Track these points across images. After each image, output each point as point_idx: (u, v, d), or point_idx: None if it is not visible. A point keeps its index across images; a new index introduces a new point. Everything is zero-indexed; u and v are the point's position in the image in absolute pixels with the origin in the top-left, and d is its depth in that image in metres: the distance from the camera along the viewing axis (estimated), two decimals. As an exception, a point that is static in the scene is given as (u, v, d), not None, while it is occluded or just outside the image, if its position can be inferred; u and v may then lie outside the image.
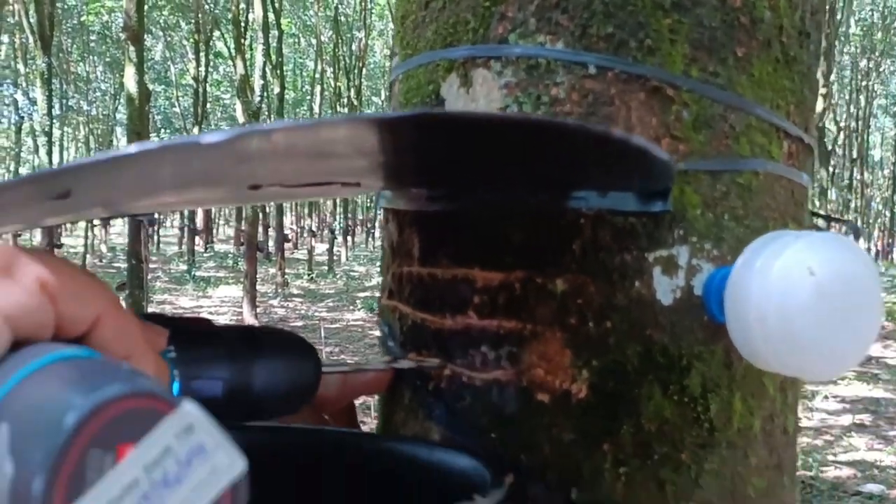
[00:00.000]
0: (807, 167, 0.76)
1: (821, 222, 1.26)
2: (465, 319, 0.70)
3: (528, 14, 0.69)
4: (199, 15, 23.72)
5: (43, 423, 0.31)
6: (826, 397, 9.22)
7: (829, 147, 25.26)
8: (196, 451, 0.33)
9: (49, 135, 16.27)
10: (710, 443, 0.68)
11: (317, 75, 28.91)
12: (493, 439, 0.69)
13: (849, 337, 0.60)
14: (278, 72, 18.21)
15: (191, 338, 0.58)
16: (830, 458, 7.07)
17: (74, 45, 32.41)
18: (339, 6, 25.72)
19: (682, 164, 0.68)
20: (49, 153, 16.16)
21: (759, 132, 0.70)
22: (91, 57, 33.85)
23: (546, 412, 0.67)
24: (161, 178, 0.47)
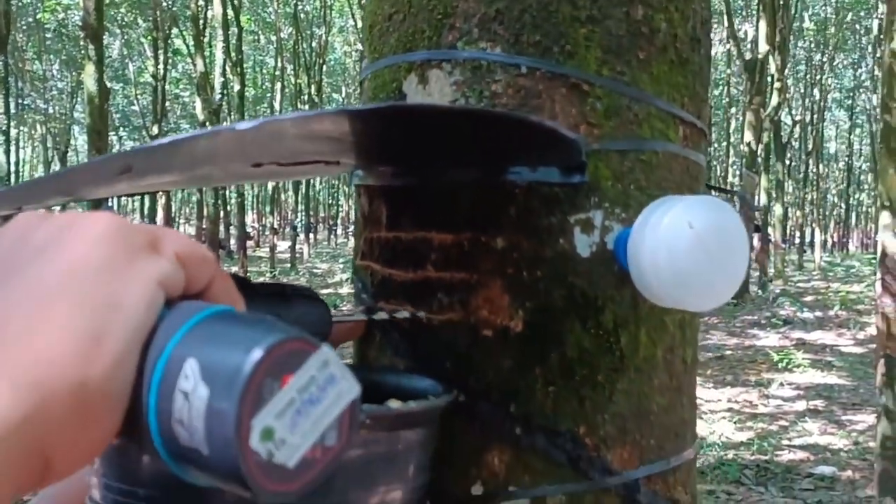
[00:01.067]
0: (701, 148, 0.94)
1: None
2: (424, 273, 0.87)
3: (472, 25, 0.86)
4: (157, 12, 23.64)
5: (230, 360, 0.41)
6: (782, 384, 9.52)
7: (785, 140, 25.68)
8: (329, 379, 0.44)
9: (6, 133, 16.16)
10: (620, 367, 0.85)
11: (277, 72, 28.91)
12: (447, 368, 0.85)
13: (723, 276, 0.78)
14: (238, 69, 18.23)
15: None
16: (785, 442, 7.35)
17: (30, 43, 32.09)
18: (299, 3, 25.74)
19: (595, 145, 0.85)
20: (7, 152, 16.04)
21: (658, 119, 0.88)
22: (47, 55, 33.53)
23: (490, 344, 0.84)
24: (197, 155, 0.63)
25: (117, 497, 0.63)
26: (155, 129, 23.92)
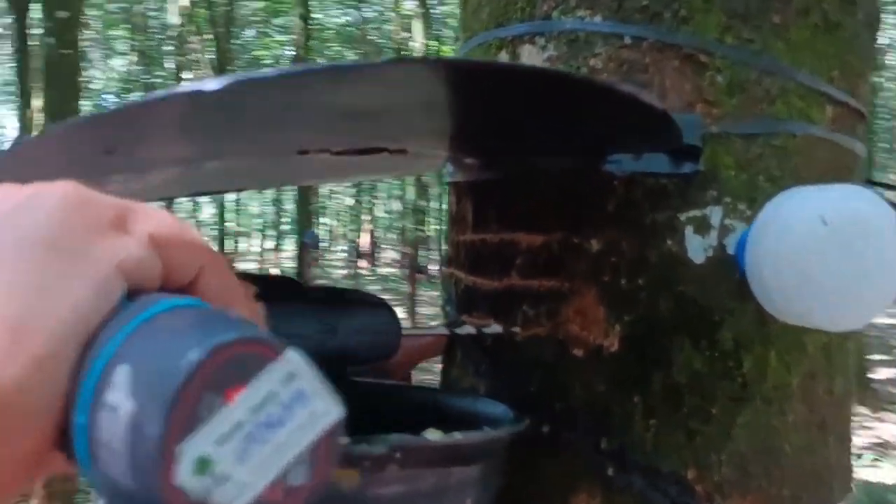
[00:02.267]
0: (856, 132, 0.77)
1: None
2: (509, 280, 0.75)
3: (569, -10, 0.73)
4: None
5: (161, 366, 0.33)
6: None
7: None
8: (297, 397, 0.34)
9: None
10: (742, 397, 0.70)
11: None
12: (530, 392, 0.73)
13: (867, 285, 0.61)
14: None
15: (276, 296, 0.60)
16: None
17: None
18: None
19: (714, 127, 0.70)
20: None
21: (796, 96, 0.72)
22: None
23: (580, 365, 0.71)
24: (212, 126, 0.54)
25: None
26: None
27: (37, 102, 5.02)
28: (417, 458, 0.56)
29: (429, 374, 1.31)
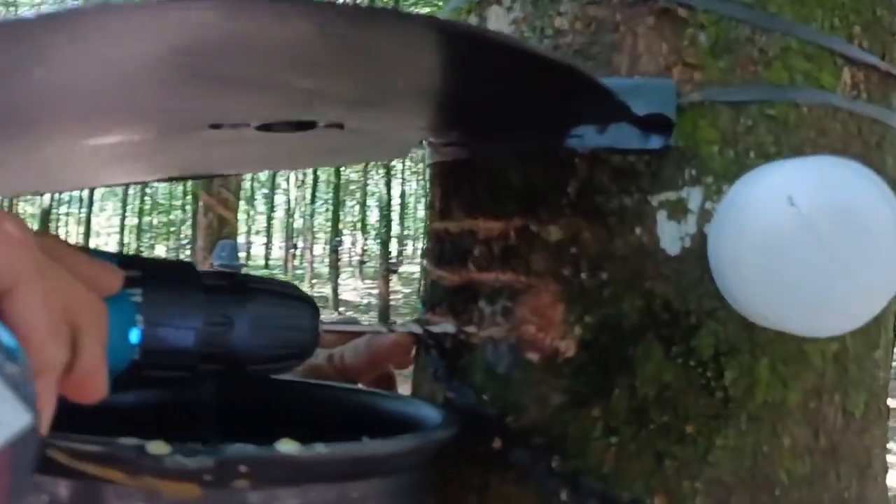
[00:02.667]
0: (889, 101, 0.64)
1: None
2: (467, 274, 0.66)
3: (535, -59, 0.64)
4: None
5: None
6: None
7: None
8: None
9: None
10: (723, 414, 0.59)
11: None
12: (484, 402, 0.63)
13: (848, 283, 0.50)
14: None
15: (164, 281, 0.54)
16: None
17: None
18: None
19: (696, 95, 0.59)
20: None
21: (801, 57, 0.60)
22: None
23: (534, 372, 0.61)
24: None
25: None
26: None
27: None
28: (272, 473, 0.48)
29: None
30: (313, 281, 21.90)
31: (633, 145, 0.59)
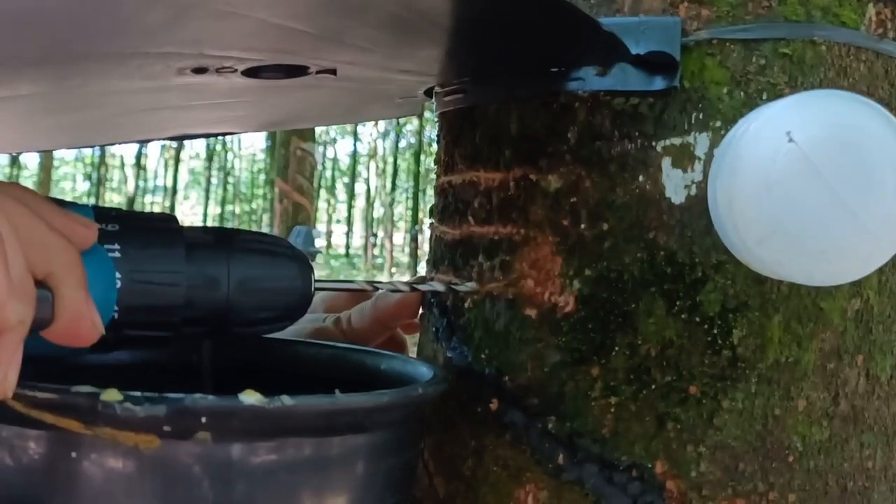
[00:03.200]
0: (920, 41, 0.59)
1: None
2: (468, 228, 0.63)
3: None
4: None
5: None
6: None
7: None
8: None
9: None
10: (731, 375, 0.55)
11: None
12: (482, 360, 0.61)
13: (853, 224, 0.45)
14: None
15: (143, 237, 0.51)
16: None
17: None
18: None
19: (703, 32, 0.55)
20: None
21: (820, -9, 0.56)
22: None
23: (532, 329, 0.58)
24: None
25: None
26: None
27: None
28: (236, 425, 0.46)
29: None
30: (393, 270, 21.99)
31: (635, 87, 0.56)
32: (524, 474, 0.58)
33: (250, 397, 0.45)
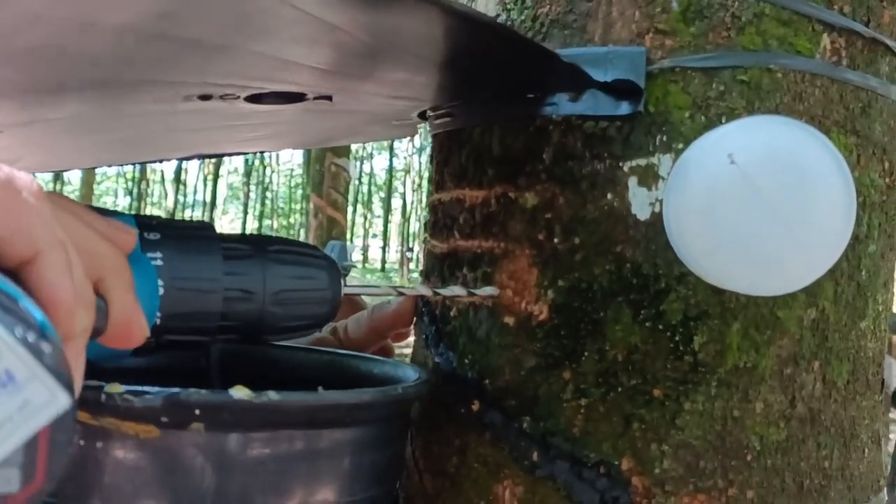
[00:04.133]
0: (876, 69, 0.63)
1: None
2: (454, 242, 0.68)
3: (519, -85, 0.65)
4: None
5: None
6: None
7: None
8: (2, 381, 0.29)
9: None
10: (692, 379, 0.59)
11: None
12: (465, 364, 0.65)
13: (790, 240, 0.50)
14: None
15: (184, 245, 0.54)
16: None
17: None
18: None
19: (667, 61, 0.60)
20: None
21: (776, 22, 0.60)
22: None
23: (510, 335, 0.63)
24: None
25: None
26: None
27: None
28: (227, 418, 0.50)
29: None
30: (428, 284, 21.94)
31: (604, 112, 0.60)
32: (502, 471, 0.62)
33: (239, 392, 0.50)
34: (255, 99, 0.65)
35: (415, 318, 0.74)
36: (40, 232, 0.36)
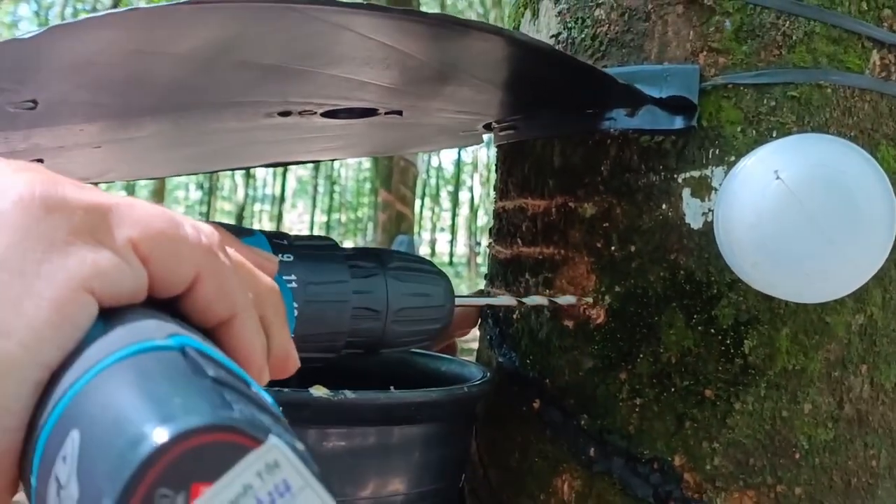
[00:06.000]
0: (925, 81, 0.65)
1: None
2: (517, 248, 0.71)
3: (580, -62, 0.69)
4: None
5: (111, 446, 0.27)
6: None
7: None
8: (280, 490, 0.29)
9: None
10: (742, 381, 0.62)
11: None
12: (527, 364, 0.69)
13: (832, 252, 0.52)
14: None
15: (315, 263, 0.55)
16: None
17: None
18: None
19: (720, 78, 0.63)
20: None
21: (826, 40, 0.63)
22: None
23: (569, 338, 0.66)
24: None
25: None
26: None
27: None
28: (307, 414, 0.55)
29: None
30: (495, 277, 21.95)
31: (659, 126, 0.63)
32: (561, 465, 0.66)
33: (319, 391, 0.55)
34: (330, 114, 0.69)
35: (479, 320, 0.78)
36: (238, 295, 0.36)
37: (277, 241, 0.54)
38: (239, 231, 0.51)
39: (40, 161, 0.69)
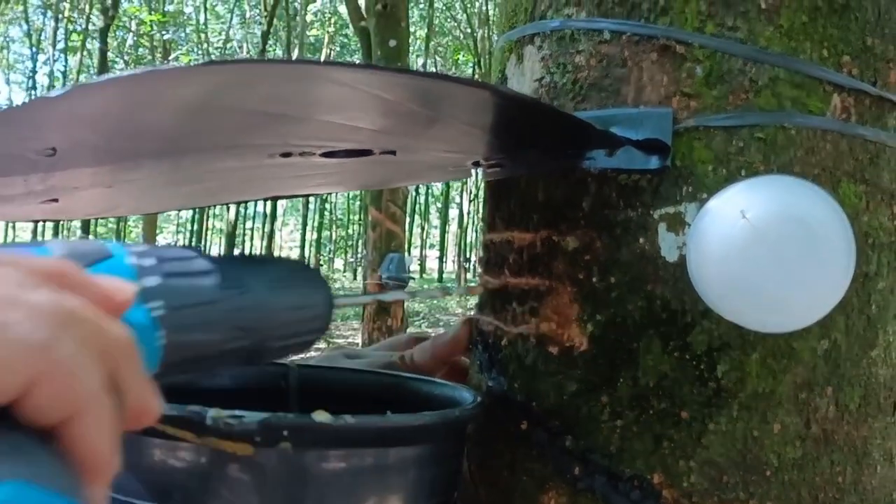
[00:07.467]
0: (883, 123, 0.70)
1: None
2: (505, 278, 0.76)
3: (561, -11, 0.73)
4: None
5: None
6: None
7: None
8: None
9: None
10: (716, 403, 0.66)
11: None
12: (515, 388, 0.73)
13: (801, 288, 0.57)
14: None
15: (185, 285, 0.51)
16: None
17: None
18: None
19: (692, 121, 0.68)
20: None
21: (789, 85, 0.67)
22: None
23: (554, 364, 0.71)
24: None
25: None
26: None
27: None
28: (310, 438, 0.59)
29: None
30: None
31: (636, 166, 0.68)
32: (547, 483, 0.70)
33: (321, 416, 0.59)
34: (329, 154, 0.73)
35: (469, 345, 0.83)
36: (81, 389, 0.33)
37: (141, 261, 0.50)
38: (96, 255, 0.47)
39: (55, 201, 0.74)
